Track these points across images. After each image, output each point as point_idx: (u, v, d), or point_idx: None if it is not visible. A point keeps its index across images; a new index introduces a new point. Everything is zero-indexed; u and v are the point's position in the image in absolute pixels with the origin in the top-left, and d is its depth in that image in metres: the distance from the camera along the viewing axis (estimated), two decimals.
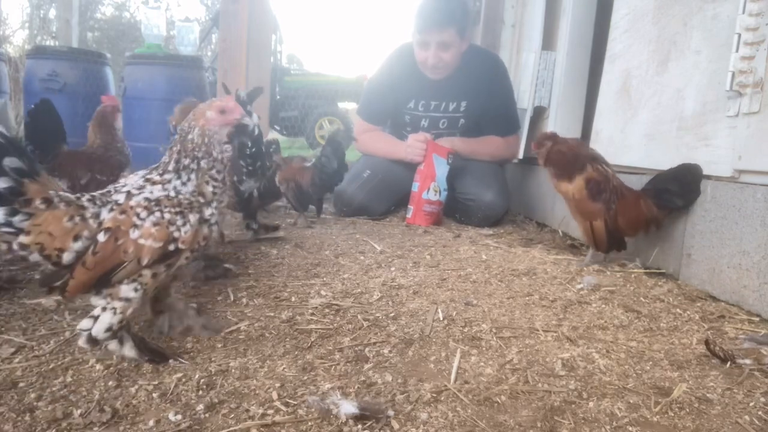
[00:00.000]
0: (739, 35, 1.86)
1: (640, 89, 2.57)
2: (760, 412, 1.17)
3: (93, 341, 1.22)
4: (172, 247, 1.25)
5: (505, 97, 3.65)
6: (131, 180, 1.33)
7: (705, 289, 2.00)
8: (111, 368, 1.24)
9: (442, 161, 3.32)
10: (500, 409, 1.15)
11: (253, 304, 1.70)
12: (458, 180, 3.45)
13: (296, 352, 1.37)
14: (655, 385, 1.28)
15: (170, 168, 1.33)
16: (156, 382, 1.18)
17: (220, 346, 1.39)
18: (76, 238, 1.18)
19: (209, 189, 1.34)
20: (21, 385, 1.16)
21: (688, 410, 1.17)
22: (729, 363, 1.39)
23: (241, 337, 1.45)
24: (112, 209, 1.23)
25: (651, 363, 1.40)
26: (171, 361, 1.29)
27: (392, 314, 1.65)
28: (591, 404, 1.18)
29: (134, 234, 1.21)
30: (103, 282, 1.21)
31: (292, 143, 12.00)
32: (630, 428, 1.10)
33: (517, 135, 3.73)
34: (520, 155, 3.85)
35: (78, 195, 1.24)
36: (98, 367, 1.24)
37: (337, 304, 1.71)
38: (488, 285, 2.02)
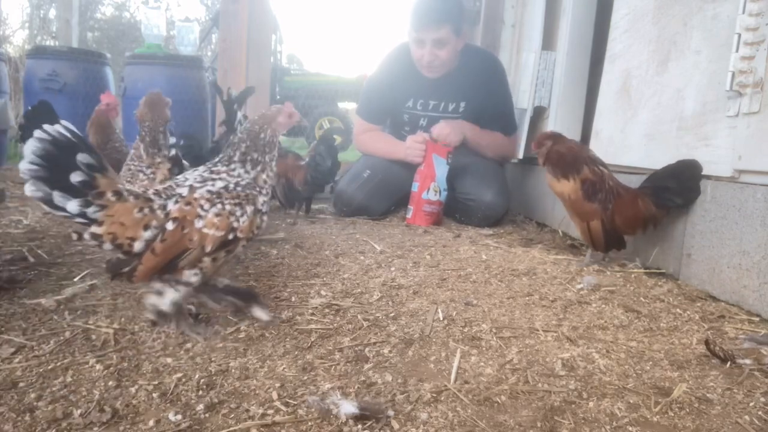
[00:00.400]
0: (739, 35, 1.86)
1: (640, 89, 2.57)
2: (760, 412, 1.17)
3: (162, 315, 1.38)
4: (231, 236, 1.38)
5: (504, 97, 3.65)
6: (191, 175, 1.46)
7: (705, 289, 2.00)
8: (111, 368, 1.24)
9: (441, 161, 3.31)
10: (500, 409, 1.15)
11: None
12: (458, 180, 3.45)
13: (296, 352, 1.37)
14: (655, 385, 1.28)
15: (236, 159, 1.49)
16: (156, 382, 1.18)
17: (220, 346, 1.38)
18: (146, 227, 1.29)
19: (264, 177, 1.51)
20: (21, 385, 1.16)
21: (688, 410, 1.17)
22: (729, 363, 1.39)
23: (241, 337, 1.45)
24: (177, 201, 1.35)
25: (651, 363, 1.40)
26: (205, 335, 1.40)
27: (392, 314, 1.65)
28: (591, 404, 1.18)
29: (199, 224, 1.34)
30: (167, 268, 1.33)
31: (292, 143, 11.99)
32: (630, 428, 1.10)
33: (515, 135, 3.74)
34: (520, 155, 3.85)
35: (143, 189, 1.36)
36: (98, 367, 1.24)
37: (337, 304, 1.71)
38: (488, 285, 2.02)
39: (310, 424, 1.05)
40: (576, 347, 1.47)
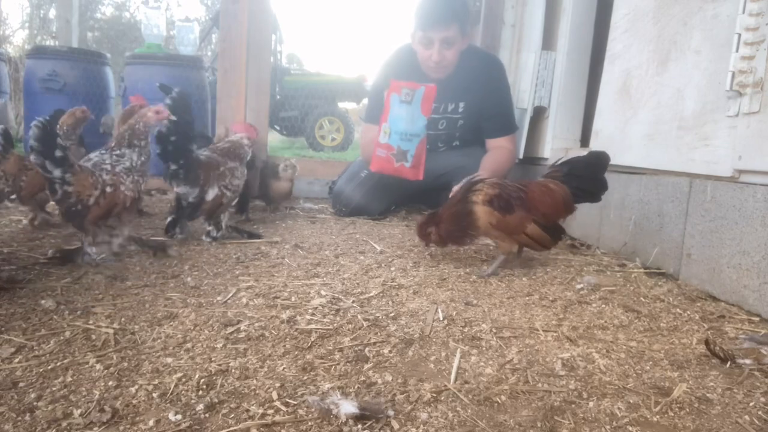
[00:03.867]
0: (739, 35, 1.86)
1: (640, 89, 2.57)
2: (760, 412, 1.17)
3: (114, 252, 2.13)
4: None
5: (503, 98, 3.63)
6: (101, 157, 2.11)
7: (705, 289, 2.00)
8: (111, 368, 1.24)
9: (396, 98, 3.04)
10: (500, 409, 1.15)
11: (253, 304, 1.70)
12: (456, 181, 3.44)
13: (296, 352, 1.37)
14: (655, 385, 1.28)
15: (125, 146, 2.17)
16: (156, 382, 1.18)
17: (220, 346, 1.39)
18: (95, 188, 2.01)
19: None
20: (21, 385, 1.16)
21: (688, 410, 1.17)
22: (729, 363, 1.39)
23: (241, 337, 1.45)
24: (107, 173, 2.07)
25: (651, 363, 1.40)
26: None
27: (392, 314, 1.65)
28: (591, 404, 1.18)
29: (123, 188, 2.09)
30: (106, 216, 2.07)
31: (291, 143, 12.00)
32: (630, 428, 1.10)
33: (515, 135, 3.72)
34: (520, 155, 3.84)
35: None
36: (98, 367, 1.24)
37: (337, 304, 1.71)
38: (488, 285, 2.02)
39: (310, 424, 1.05)
40: (576, 347, 1.47)
